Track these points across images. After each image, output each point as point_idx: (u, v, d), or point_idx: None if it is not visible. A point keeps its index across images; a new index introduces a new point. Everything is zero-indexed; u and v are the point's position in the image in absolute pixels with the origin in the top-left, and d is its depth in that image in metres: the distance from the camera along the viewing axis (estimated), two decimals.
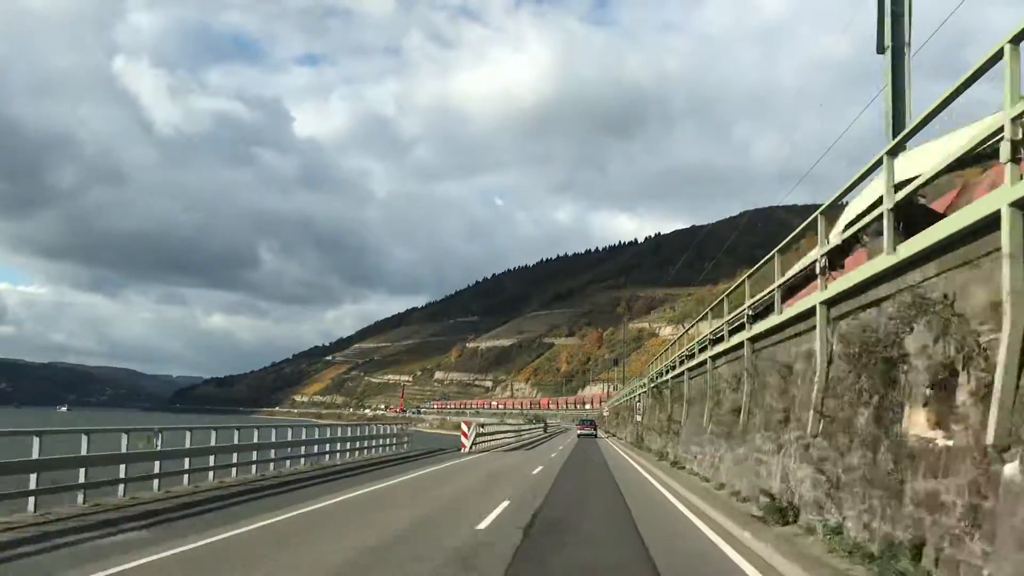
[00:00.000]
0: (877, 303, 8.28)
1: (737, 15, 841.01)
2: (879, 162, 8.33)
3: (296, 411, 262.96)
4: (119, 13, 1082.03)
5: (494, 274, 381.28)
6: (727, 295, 17.65)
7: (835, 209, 11.28)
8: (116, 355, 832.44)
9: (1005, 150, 5.76)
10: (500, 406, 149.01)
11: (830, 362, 9.54)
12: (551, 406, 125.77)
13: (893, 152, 8.24)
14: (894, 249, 7.66)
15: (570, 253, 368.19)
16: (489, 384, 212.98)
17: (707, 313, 21.43)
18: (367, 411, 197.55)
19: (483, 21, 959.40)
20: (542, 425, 75.45)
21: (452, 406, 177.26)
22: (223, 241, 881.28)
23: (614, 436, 63.40)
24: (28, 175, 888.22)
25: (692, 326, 26.58)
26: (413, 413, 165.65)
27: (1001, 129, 5.84)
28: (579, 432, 61.93)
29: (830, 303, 9.78)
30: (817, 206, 10.74)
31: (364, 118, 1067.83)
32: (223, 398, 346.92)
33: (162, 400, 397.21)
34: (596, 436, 61.13)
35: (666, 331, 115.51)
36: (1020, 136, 5.67)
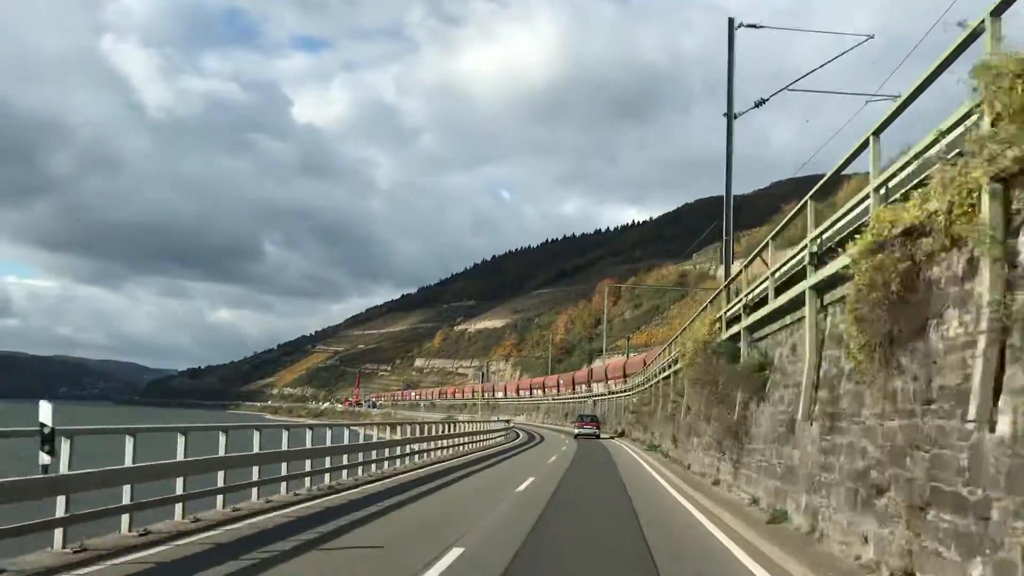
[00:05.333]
0: None
1: None
2: None
3: (260, 405, 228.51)
4: None
5: (494, 256, 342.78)
6: None
7: None
8: (124, 349, 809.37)
9: None
10: (473, 394, 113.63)
11: None
12: (535, 391, 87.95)
13: None
14: None
15: (578, 234, 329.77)
16: (473, 370, 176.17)
17: None
18: (323, 404, 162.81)
19: None
20: None
21: (405, 397, 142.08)
22: (224, 232, 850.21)
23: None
24: (21, 161, 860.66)
25: None
26: (368, 406, 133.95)
27: None
28: (576, 431, 48.66)
29: None
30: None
31: (365, 104, 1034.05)
32: (194, 390, 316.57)
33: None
34: (599, 437, 47.62)
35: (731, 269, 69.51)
36: None
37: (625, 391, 52.33)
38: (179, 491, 11.05)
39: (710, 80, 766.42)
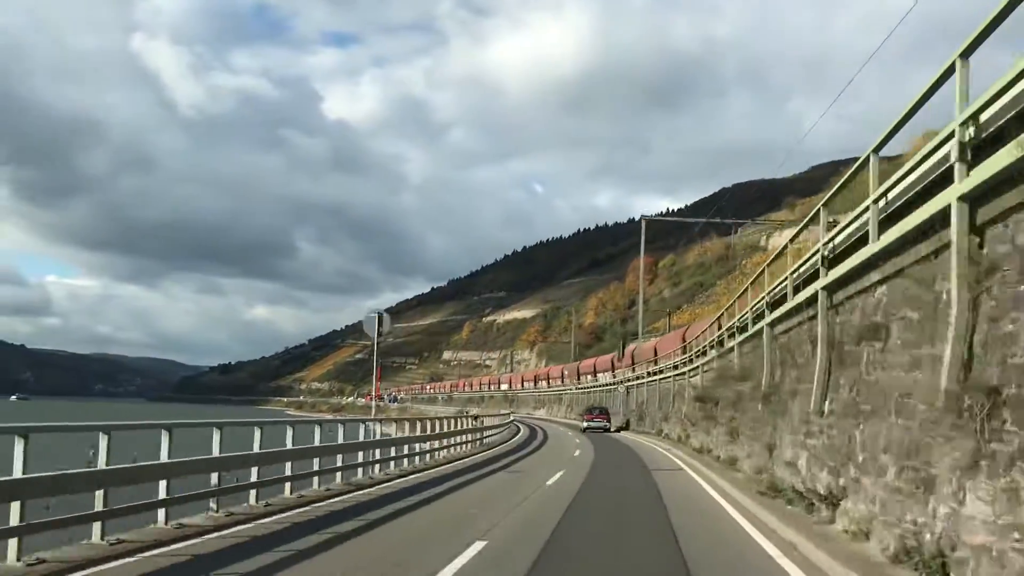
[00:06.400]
0: None
1: None
2: None
3: (285, 400, 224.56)
4: None
5: (524, 247, 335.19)
6: None
7: None
8: (162, 347, 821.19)
9: None
10: (480, 386, 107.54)
11: None
12: (539, 382, 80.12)
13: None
14: None
15: (610, 223, 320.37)
16: (496, 362, 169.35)
17: None
18: (345, 399, 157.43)
19: None
20: None
21: (423, 391, 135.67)
22: (257, 228, 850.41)
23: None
24: (58, 162, 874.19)
25: None
26: (389, 401, 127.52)
27: None
28: (585, 425, 46.08)
29: None
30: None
31: (395, 99, 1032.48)
32: (224, 386, 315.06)
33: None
34: (609, 430, 45.42)
35: (783, 238, 54.44)
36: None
37: (685, 368, 33.03)
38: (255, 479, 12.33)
39: (743, 66, 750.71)
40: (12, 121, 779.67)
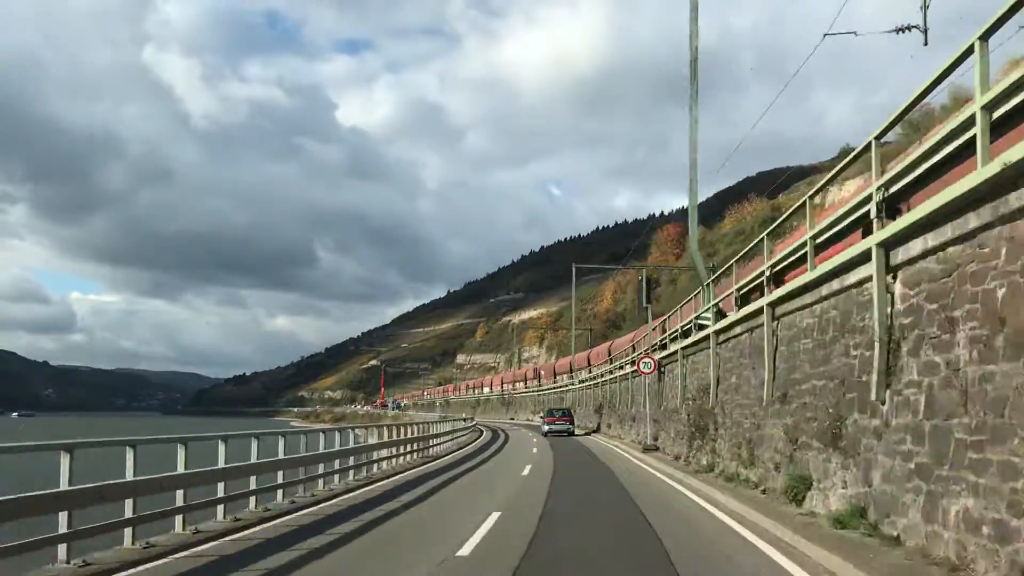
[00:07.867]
0: None
1: None
2: None
3: (295, 410, 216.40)
4: (150, 3, 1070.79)
5: (542, 247, 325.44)
6: None
7: None
8: (185, 361, 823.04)
9: None
10: (489, 387, 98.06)
11: None
12: (511, 384, 69.55)
13: None
14: None
15: (630, 220, 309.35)
16: (502, 362, 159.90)
17: None
18: (350, 407, 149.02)
19: None
20: None
21: (421, 397, 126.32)
22: (277, 239, 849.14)
23: None
24: (77, 178, 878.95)
25: None
26: (394, 407, 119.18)
27: None
28: (547, 428, 44.74)
29: None
30: None
31: (410, 104, 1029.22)
32: (238, 398, 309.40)
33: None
34: (573, 433, 44.49)
35: (842, 193, 39.74)
36: None
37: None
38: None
39: (762, 58, 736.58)
40: (30, 139, 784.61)
